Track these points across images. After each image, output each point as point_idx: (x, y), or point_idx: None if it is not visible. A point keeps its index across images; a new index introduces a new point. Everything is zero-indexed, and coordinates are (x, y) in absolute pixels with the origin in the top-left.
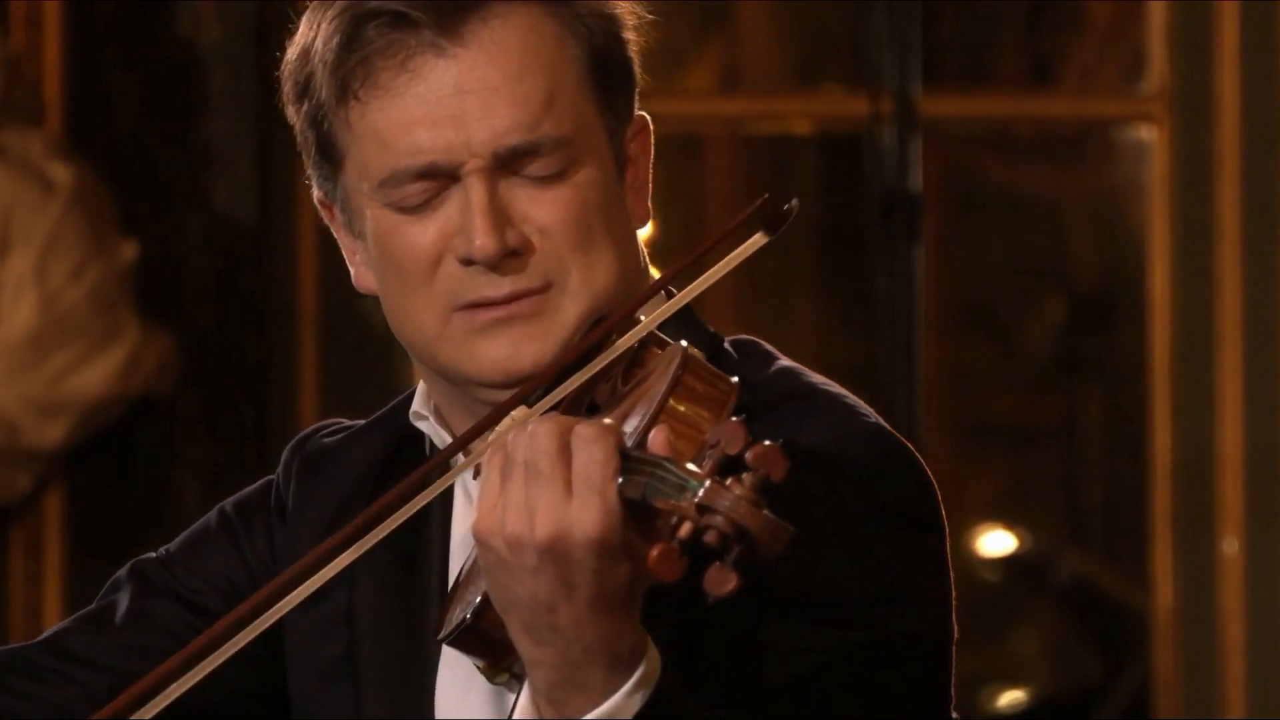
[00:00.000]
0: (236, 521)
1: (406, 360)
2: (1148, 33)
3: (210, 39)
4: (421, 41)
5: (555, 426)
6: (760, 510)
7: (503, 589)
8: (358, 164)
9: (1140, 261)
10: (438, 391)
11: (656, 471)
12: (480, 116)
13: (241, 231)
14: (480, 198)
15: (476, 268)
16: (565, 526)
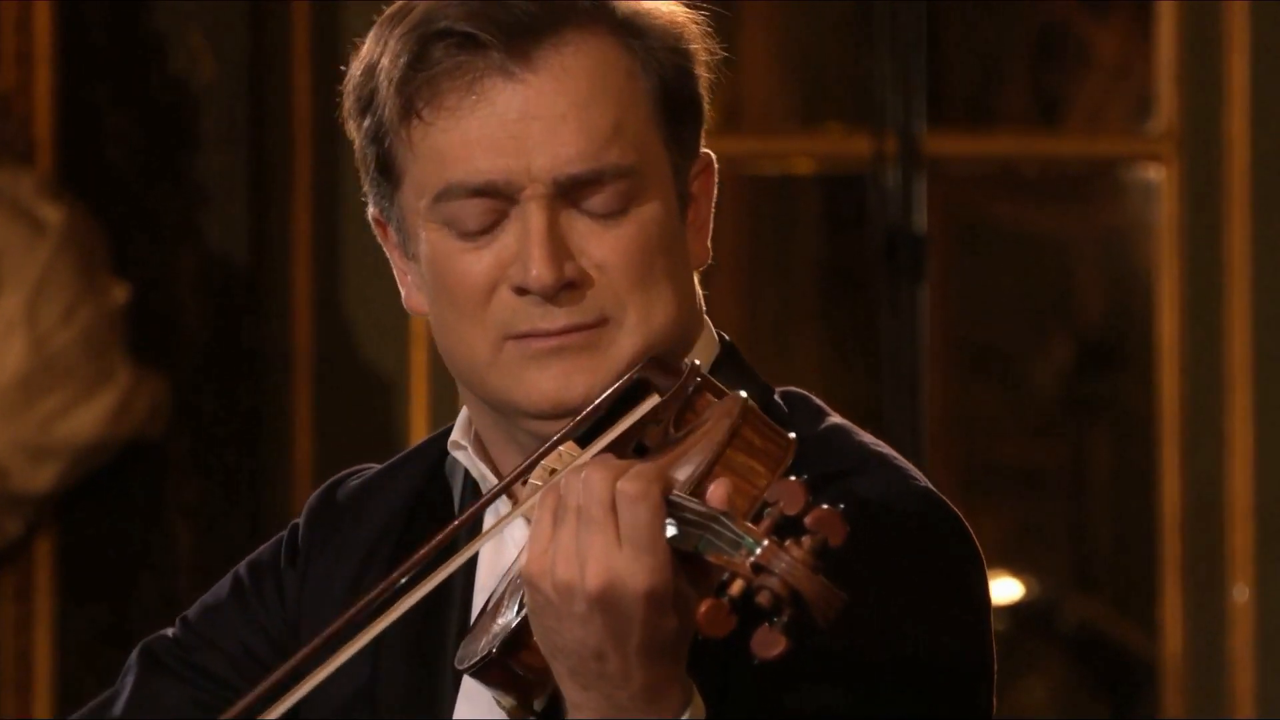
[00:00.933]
0: (249, 585)
1: (403, 405)
2: (1156, 71)
3: (203, 77)
4: (490, 64)
5: (607, 474)
6: (817, 576)
7: (551, 633)
8: (416, 182)
9: (1148, 303)
10: (481, 420)
11: (713, 525)
12: (544, 143)
13: (235, 273)
14: (539, 226)
15: (531, 298)
16: (616, 577)
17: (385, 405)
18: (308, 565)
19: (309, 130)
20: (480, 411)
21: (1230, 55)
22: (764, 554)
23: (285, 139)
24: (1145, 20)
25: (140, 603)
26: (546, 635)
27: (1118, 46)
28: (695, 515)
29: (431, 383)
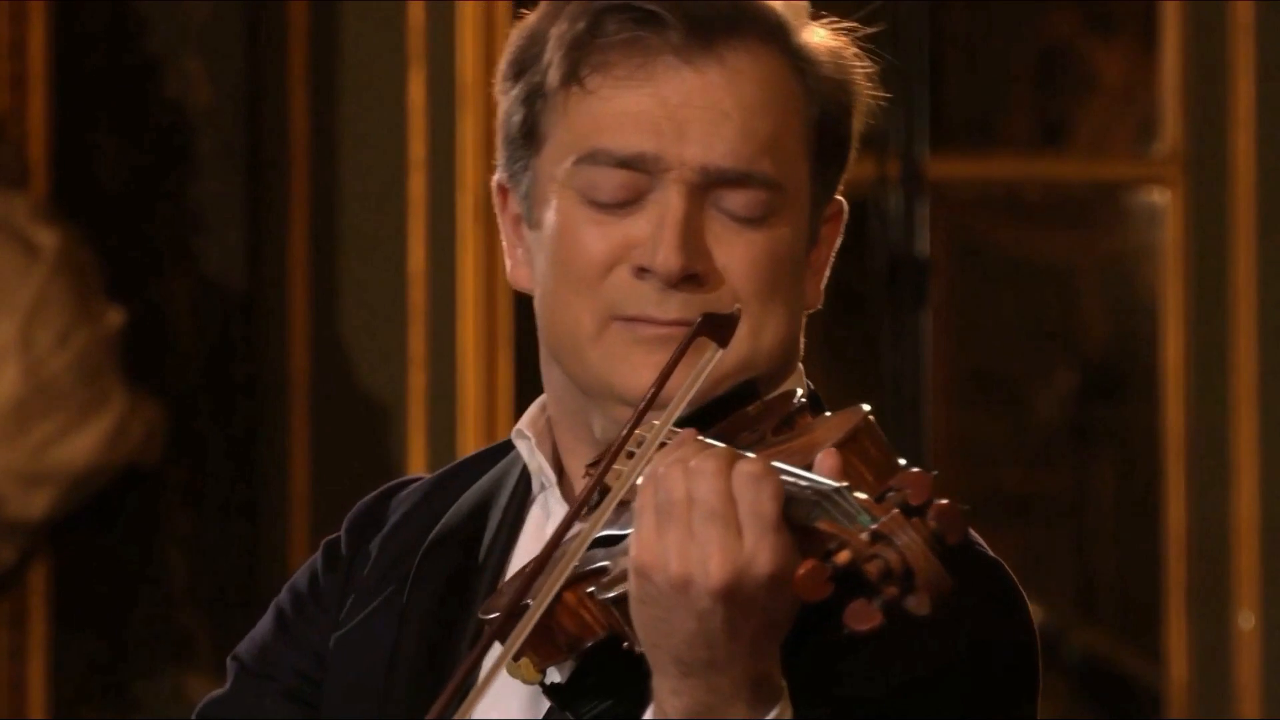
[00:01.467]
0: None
1: (401, 431)
2: (1160, 94)
3: (199, 101)
4: (666, 45)
5: (719, 463)
6: (935, 557)
7: (658, 623)
8: (561, 145)
9: (1153, 328)
10: (560, 406)
11: (831, 495)
12: (702, 133)
13: (231, 298)
14: (677, 211)
15: (649, 282)
16: (740, 568)
17: (383, 432)
18: (350, 567)
19: (306, 154)
20: (563, 396)
21: (1235, 77)
22: (888, 524)
23: (282, 163)
24: (1149, 42)
25: (135, 631)
26: (653, 625)
27: (1122, 69)
28: (809, 485)
29: (430, 409)
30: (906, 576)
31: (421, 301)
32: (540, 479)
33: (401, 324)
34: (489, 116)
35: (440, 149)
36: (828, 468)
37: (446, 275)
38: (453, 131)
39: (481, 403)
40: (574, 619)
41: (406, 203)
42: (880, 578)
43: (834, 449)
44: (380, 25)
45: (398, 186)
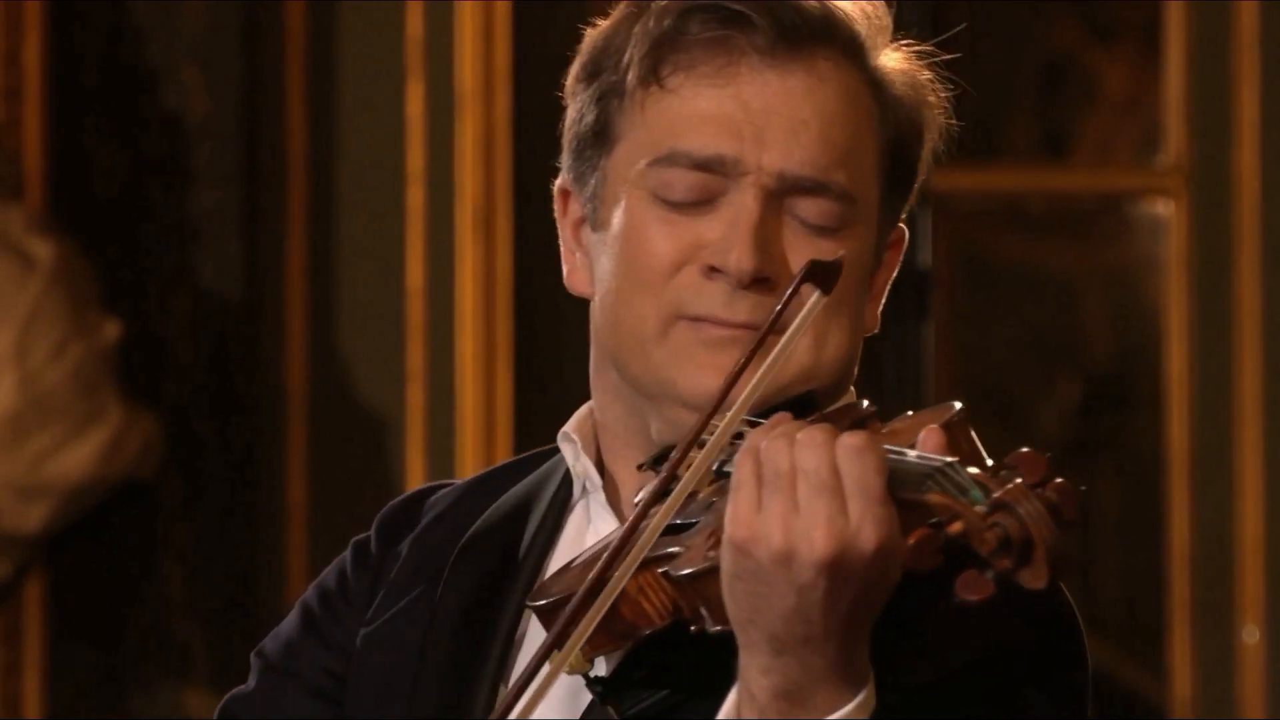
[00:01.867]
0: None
1: (399, 445)
2: (1164, 104)
3: (196, 112)
4: (752, 45)
5: (825, 434)
6: (1058, 530)
7: (754, 598)
8: (635, 145)
9: (1157, 341)
10: (613, 409)
11: (943, 468)
12: (781, 139)
13: (228, 310)
14: (753, 213)
15: (719, 283)
16: (846, 541)
17: (381, 446)
18: (380, 566)
19: (303, 167)
20: (614, 401)
21: (1239, 88)
22: (1011, 493)
23: (279, 175)
24: (1153, 53)
25: (131, 645)
26: (748, 601)
27: (1125, 79)
28: (918, 459)
29: (428, 424)
30: (1025, 547)
31: (420, 315)
32: (585, 482)
33: (399, 338)
34: (488, 128)
35: (439, 161)
36: (933, 444)
37: (445, 289)
38: (451, 143)
39: (480, 418)
40: (634, 608)
41: (405, 215)
42: (997, 548)
43: (937, 427)
44: (378, 36)
45: (396, 199)
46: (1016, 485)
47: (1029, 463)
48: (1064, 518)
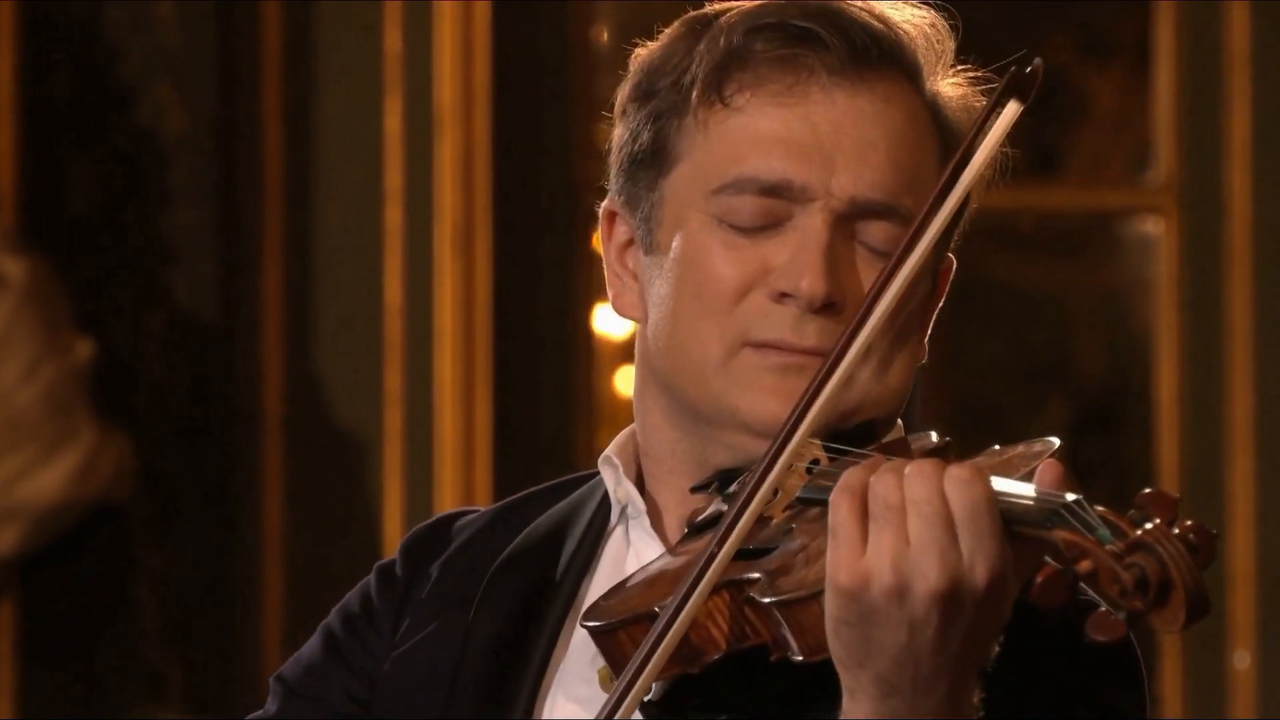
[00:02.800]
0: (342, 635)
1: (376, 468)
2: (1155, 122)
3: (172, 129)
4: (821, 64)
5: (934, 466)
6: (1199, 573)
7: (863, 641)
8: (698, 167)
9: (1147, 362)
10: (664, 434)
11: (1069, 504)
12: (851, 162)
13: (204, 331)
14: (822, 237)
15: (788, 308)
16: (960, 574)
17: (358, 469)
18: (408, 589)
19: (280, 185)
20: (666, 422)
21: (1231, 105)
22: (1153, 533)
23: (256, 194)
24: (1144, 69)
25: (105, 669)
26: (857, 644)
27: (1115, 96)
28: (1043, 495)
29: (406, 447)
30: (1163, 589)
31: (398, 336)
32: (626, 507)
33: (377, 359)
34: (467, 146)
35: (417, 179)
36: (1050, 479)
37: (423, 309)
38: (430, 161)
39: (459, 440)
40: (701, 633)
41: (382, 234)
42: (1133, 588)
43: (1055, 461)
44: (356, 52)
45: (373, 217)
46: (1158, 525)
47: (1159, 502)
48: (1202, 559)
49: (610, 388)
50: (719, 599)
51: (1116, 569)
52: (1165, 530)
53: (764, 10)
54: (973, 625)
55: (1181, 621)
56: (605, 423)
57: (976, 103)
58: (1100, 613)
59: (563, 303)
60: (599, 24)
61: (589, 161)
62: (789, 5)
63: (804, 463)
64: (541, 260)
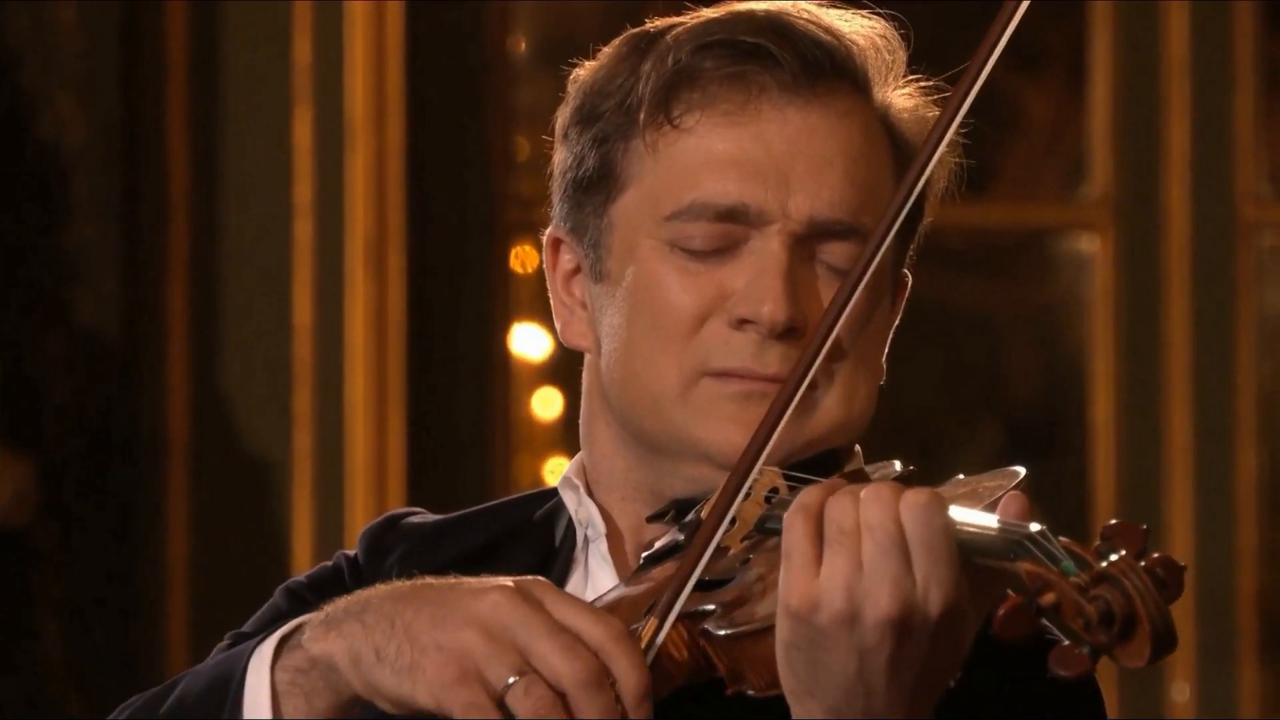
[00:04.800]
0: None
1: (286, 493)
2: (1090, 134)
3: (73, 142)
4: (774, 81)
5: (891, 491)
6: (1166, 606)
7: (813, 667)
8: (648, 192)
9: (1082, 383)
10: (616, 462)
11: (1034, 535)
12: (807, 181)
13: (106, 351)
14: (781, 260)
15: (748, 334)
16: (913, 602)
17: (267, 494)
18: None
19: (185, 199)
20: (617, 452)
21: (1169, 117)
22: (1118, 565)
23: (160, 208)
24: (1078, 81)
25: (6, 700)
26: (806, 670)
27: (1049, 108)
28: (1007, 526)
29: (316, 471)
30: (1129, 623)
31: (307, 355)
32: (586, 530)
33: (286, 379)
34: (379, 157)
35: (328, 192)
36: (1015, 510)
37: (334, 327)
38: (341, 174)
39: (371, 464)
40: (657, 666)
41: (292, 250)
42: (1097, 622)
43: (1020, 493)
44: (264, 61)
45: (282, 232)
46: (1123, 558)
47: (1126, 534)
48: (1170, 593)
49: (528, 410)
50: (675, 632)
51: (1080, 602)
52: (1131, 563)
53: (711, 26)
54: (927, 657)
55: (1147, 657)
56: (523, 446)
57: (929, 113)
58: (1064, 647)
59: (480, 322)
60: (517, 31)
61: (507, 174)
62: (737, 21)
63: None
64: (457, 277)
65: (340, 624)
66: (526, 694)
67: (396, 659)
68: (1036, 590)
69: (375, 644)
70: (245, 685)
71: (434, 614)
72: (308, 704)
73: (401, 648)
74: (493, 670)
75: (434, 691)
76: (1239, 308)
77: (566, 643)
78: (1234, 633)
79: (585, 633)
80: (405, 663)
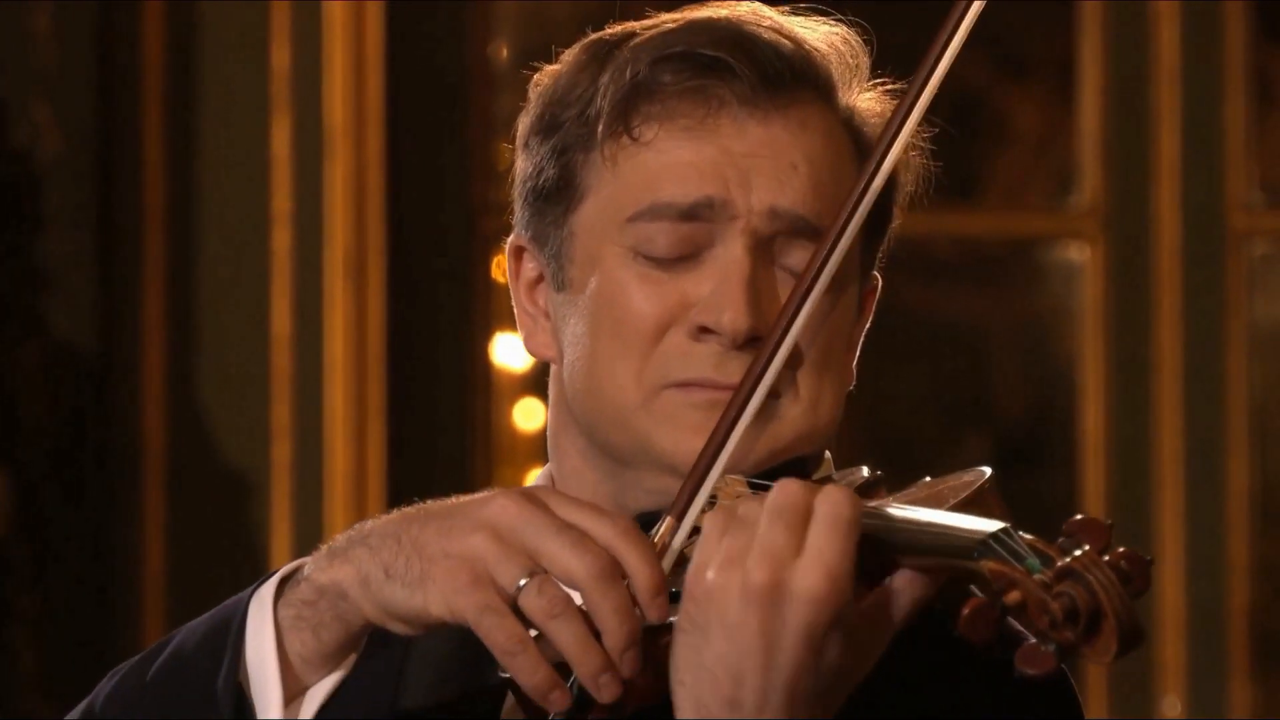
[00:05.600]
0: None
1: (264, 506)
2: (1079, 142)
3: (48, 151)
4: (733, 94)
5: (804, 486)
6: (1131, 600)
7: (687, 650)
8: (609, 200)
9: (1071, 394)
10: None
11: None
12: (769, 179)
13: (81, 363)
14: (743, 266)
15: (709, 344)
16: (783, 574)
17: (245, 507)
18: None
19: (161, 209)
20: (585, 465)
21: (1159, 126)
22: (1081, 560)
23: (136, 218)
24: (1067, 89)
25: None
26: (682, 655)
27: (1038, 117)
28: (967, 524)
29: (295, 484)
30: (1094, 618)
31: (286, 367)
32: None
33: (264, 391)
34: (359, 167)
35: (306, 202)
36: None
37: (313, 339)
38: (320, 183)
39: (351, 476)
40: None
41: (270, 260)
42: (1062, 619)
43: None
44: (242, 69)
45: (260, 242)
46: (1086, 552)
47: (1090, 530)
48: (1136, 587)
49: (510, 421)
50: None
51: (1045, 599)
52: (1095, 557)
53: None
54: (801, 652)
55: (1114, 652)
56: (505, 458)
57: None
58: (1030, 645)
59: (460, 332)
60: (498, 39)
61: (488, 184)
62: (696, 32)
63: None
64: (438, 287)
65: (345, 551)
66: (539, 593)
67: (406, 573)
68: (1001, 589)
69: (384, 562)
70: (246, 628)
71: (440, 525)
72: (315, 638)
73: (410, 561)
74: (503, 573)
75: (446, 599)
76: (1230, 318)
77: (574, 538)
78: (1225, 647)
79: (593, 530)
80: (415, 575)
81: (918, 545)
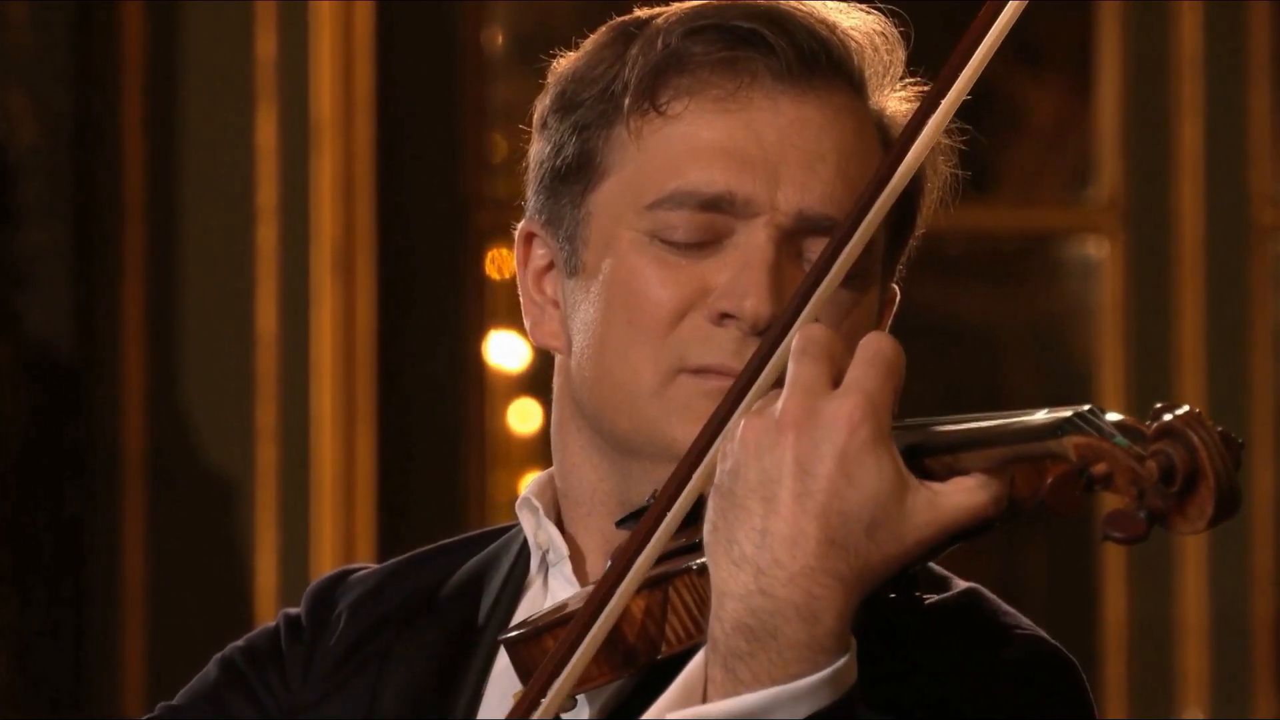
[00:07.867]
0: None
1: (248, 512)
2: (1097, 134)
3: (23, 142)
4: (767, 69)
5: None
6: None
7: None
8: (630, 181)
9: (1089, 393)
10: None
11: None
12: (798, 174)
13: (58, 362)
14: (767, 254)
15: (729, 330)
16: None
17: (227, 512)
18: (315, 640)
19: (141, 203)
20: (586, 460)
21: (1180, 117)
22: (1183, 419)
23: (115, 213)
24: (1085, 79)
25: None
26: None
27: (1054, 108)
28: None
29: (280, 488)
30: (1191, 478)
31: (271, 367)
32: (546, 553)
33: (249, 392)
34: (347, 158)
35: (293, 195)
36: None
37: (300, 337)
38: (307, 176)
39: (339, 480)
40: (635, 630)
41: (255, 256)
42: (1157, 480)
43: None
44: (226, 57)
45: (245, 237)
46: (1189, 412)
47: (1180, 410)
48: (1234, 454)
49: (504, 424)
50: (655, 594)
51: (1135, 468)
52: (1198, 416)
53: (702, 11)
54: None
55: (1209, 517)
56: (498, 462)
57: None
58: (1120, 509)
59: (453, 330)
60: (492, 26)
61: (482, 175)
62: (730, 6)
63: None
64: (430, 284)
65: None
66: None
67: None
68: (1087, 461)
69: None
70: None
71: None
72: None
73: None
74: None
75: None
76: (1254, 315)
77: None
78: (1248, 658)
79: None
80: None
81: (988, 437)
